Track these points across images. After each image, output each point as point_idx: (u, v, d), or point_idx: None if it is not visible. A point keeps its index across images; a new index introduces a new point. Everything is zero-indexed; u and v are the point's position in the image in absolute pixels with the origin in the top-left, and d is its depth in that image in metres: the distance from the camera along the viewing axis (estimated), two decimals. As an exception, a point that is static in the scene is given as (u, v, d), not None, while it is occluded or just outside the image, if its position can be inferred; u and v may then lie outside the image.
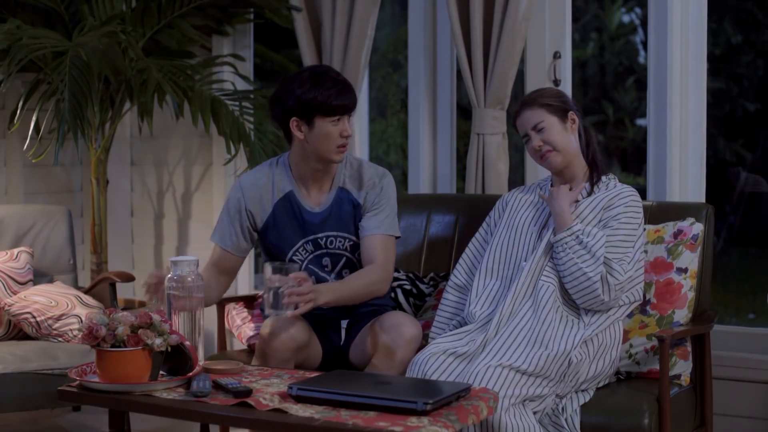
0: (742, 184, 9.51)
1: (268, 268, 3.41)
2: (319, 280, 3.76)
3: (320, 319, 3.81)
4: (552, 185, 3.77)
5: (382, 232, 3.77)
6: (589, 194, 3.68)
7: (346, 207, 3.80)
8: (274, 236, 3.80)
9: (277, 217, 3.77)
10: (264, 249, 3.89)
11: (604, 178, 3.70)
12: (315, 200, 3.79)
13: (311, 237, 3.79)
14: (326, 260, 3.82)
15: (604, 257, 3.50)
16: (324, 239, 3.80)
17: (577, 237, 3.52)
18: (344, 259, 3.84)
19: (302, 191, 3.79)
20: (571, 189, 3.66)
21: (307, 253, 3.79)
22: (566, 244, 3.52)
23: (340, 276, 3.82)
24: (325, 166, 3.75)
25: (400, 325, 3.55)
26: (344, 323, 3.86)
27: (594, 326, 3.51)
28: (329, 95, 3.62)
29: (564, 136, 3.66)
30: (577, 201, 3.66)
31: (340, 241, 3.81)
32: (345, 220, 3.81)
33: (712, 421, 3.80)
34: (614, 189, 3.68)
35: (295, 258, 3.78)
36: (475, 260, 3.84)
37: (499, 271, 3.72)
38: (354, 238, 3.82)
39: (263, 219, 3.79)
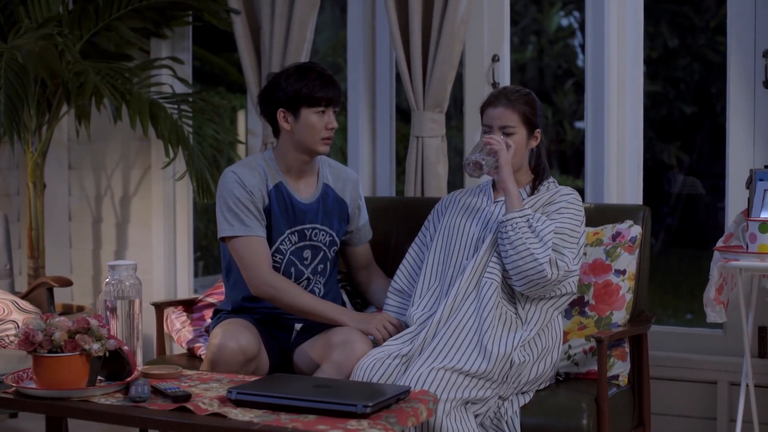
0: (680, 186, 9.61)
1: None
2: (297, 275, 3.82)
3: (273, 318, 3.83)
4: (494, 188, 3.78)
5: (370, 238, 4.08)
6: (530, 195, 3.71)
7: (332, 203, 3.90)
8: (268, 224, 3.82)
9: (273, 204, 3.80)
10: None
11: (545, 181, 3.73)
12: (303, 193, 3.86)
13: (298, 227, 3.83)
14: (307, 252, 3.86)
15: (554, 243, 3.53)
16: (310, 231, 3.85)
17: (528, 220, 3.53)
18: (322, 253, 3.89)
19: (291, 183, 3.84)
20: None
21: (291, 244, 3.83)
22: (516, 224, 3.51)
23: (315, 271, 3.87)
24: (310, 158, 3.83)
25: (353, 342, 3.61)
26: (298, 326, 3.87)
27: (533, 325, 3.52)
28: (314, 86, 3.74)
29: (522, 152, 3.68)
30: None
31: (323, 235, 3.88)
32: (330, 215, 3.90)
33: (650, 421, 3.84)
34: (555, 188, 3.72)
35: (281, 248, 3.81)
36: (416, 264, 3.85)
37: (440, 272, 3.73)
38: (334, 234, 3.90)
39: (265, 204, 3.80)
